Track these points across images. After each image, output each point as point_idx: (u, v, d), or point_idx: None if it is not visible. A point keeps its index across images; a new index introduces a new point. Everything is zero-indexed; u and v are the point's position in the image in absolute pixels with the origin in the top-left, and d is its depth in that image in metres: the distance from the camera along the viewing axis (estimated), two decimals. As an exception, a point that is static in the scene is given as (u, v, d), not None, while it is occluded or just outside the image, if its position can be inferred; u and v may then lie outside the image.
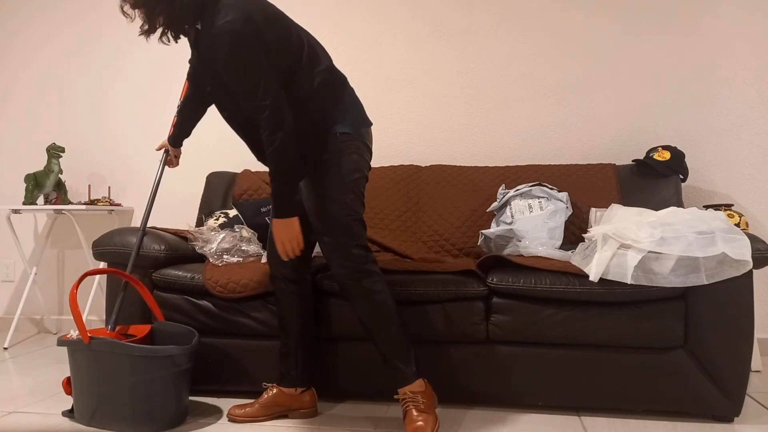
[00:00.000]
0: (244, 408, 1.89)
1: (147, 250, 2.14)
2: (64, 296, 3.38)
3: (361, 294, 1.70)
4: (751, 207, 2.71)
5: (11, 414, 1.97)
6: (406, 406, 1.70)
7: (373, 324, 1.71)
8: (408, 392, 1.71)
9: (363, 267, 1.69)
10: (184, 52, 3.19)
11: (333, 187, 1.69)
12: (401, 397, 1.73)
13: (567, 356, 1.90)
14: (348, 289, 1.71)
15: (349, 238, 1.68)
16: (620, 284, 1.81)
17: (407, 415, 1.69)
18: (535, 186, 2.46)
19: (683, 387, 1.83)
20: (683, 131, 2.77)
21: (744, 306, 1.80)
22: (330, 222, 1.68)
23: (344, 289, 1.72)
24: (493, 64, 2.96)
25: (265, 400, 1.89)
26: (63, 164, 3.14)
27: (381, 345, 1.72)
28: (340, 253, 1.68)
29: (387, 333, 1.71)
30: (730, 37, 2.75)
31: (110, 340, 1.79)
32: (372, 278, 1.70)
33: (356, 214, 1.70)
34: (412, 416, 1.67)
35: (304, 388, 1.91)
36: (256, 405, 1.89)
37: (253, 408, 1.88)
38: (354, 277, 1.69)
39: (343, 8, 3.10)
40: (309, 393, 1.92)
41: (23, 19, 3.45)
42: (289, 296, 1.88)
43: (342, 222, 1.68)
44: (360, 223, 1.72)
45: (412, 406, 1.69)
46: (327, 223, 1.68)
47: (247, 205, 2.52)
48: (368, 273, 1.69)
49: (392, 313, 1.72)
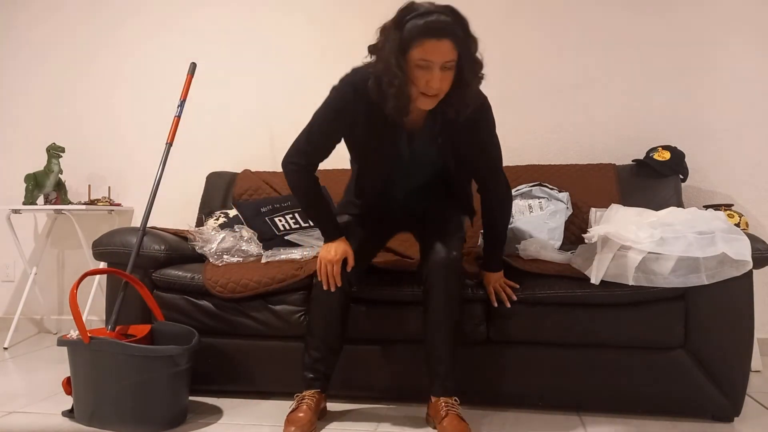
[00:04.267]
0: (301, 421, 1.74)
1: (147, 250, 2.14)
2: (64, 296, 3.38)
3: (457, 286, 1.79)
4: (751, 207, 2.70)
5: (11, 414, 1.97)
6: (450, 410, 1.72)
7: (451, 321, 1.77)
8: (453, 398, 1.76)
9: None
10: (184, 52, 3.20)
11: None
12: (446, 401, 1.74)
13: (567, 356, 1.90)
14: (449, 281, 1.75)
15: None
16: (620, 285, 1.81)
17: (449, 416, 1.70)
18: (536, 186, 2.46)
19: (683, 387, 1.83)
20: (683, 131, 2.77)
21: (744, 306, 1.80)
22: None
23: (446, 280, 1.75)
24: (494, 64, 2.94)
25: (316, 404, 1.80)
26: (63, 164, 3.14)
27: (443, 347, 1.76)
28: (457, 245, 1.79)
29: (455, 335, 1.78)
30: (730, 37, 2.75)
31: (110, 340, 1.79)
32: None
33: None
34: (456, 418, 1.70)
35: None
36: (312, 414, 1.76)
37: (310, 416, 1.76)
38: (459, 271, 1.79)
39: (344, 8, 3.10)
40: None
41: (24, 21, 3.45)
42: (341, 302, 1.84)
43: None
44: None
45: (455, 412, 1.72)
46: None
47: (247, 205, 2.52)
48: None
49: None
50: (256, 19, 3.19)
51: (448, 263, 1.76)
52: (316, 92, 3.09)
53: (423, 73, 1.56)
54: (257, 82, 3.18)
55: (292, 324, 2.02)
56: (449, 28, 1.54)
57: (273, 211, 2.44)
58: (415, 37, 1.54)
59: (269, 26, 3.18)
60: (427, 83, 1.57)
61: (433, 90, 1.58)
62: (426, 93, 1.59)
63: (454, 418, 1.70)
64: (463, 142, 1.79)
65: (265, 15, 3.18)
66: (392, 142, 1.79)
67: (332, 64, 3.10)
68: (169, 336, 1.98)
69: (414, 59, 1.56)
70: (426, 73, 1.56)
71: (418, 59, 1.56)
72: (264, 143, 3.16)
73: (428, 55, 1.54)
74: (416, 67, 1.57)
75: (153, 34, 3.30)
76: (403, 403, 2.02)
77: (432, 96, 1.60)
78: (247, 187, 2.80)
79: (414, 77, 1.58)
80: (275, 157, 3.14)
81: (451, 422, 1.68)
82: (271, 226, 2.40)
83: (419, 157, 1.83)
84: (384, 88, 1.61)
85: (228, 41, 3.21)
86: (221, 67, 3.20)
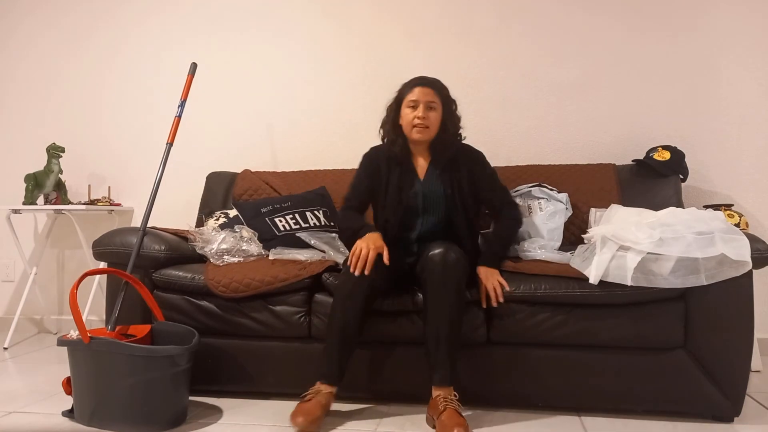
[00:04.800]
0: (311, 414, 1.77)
1: (147, 250, 2.14)
2: (64, 296, 3.38)
3: (454, 278, 1.84)
4: (751, 207, 2.70)
5: (11, 414, 1.97)
6: (448, 405, 1.74)
7: (455, 315, 1.82)
8: (452, 394, 1.79)
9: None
10: (184, 53, 3.20)
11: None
12: (444, 396, 1.77)
13: (567, 357, 1.90)
14: (449, 273, 1.82)
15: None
16: (620, 286, 1.81)
17: (447, 411, 1.72)
18: (535, 187, 2.46)
19: (683, 387, 1.83)
20: (683, 131, 2.77)
21: (744, 306, 1.80)
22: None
23: (446, 271, 1.82)
24: (494, 64, 2.96)
25: (327, 403, 1.83)
26: (63, 164, 3.14)
27: (445, 341, 1.79)
28: (456, 250, 1.89)
29: (459, 326, 1.84)
30: (730, 37, 2.75)
31: (110, 340, 1.79)
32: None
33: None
34: (454, 413, 1.72)
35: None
36: (321, 411, 1.79)
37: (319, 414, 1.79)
38: (456, 265, 1.85)
39: (343, 8, 3.10)
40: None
41: (22, 18, 3.45)
42: (366, 294, 1.87)
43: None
44: None
45: (453, 407, 1.74)
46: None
47: (247, 205, 2.52)
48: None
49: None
50: (257, 19, 3.19)
51: (443, 257, 1.84)
52: (316, 92, 3.13)
53: (413, 111, 2.10)
54: (257, 82, 3.18)
55: (292, 324, 2.02)
56: (433, 81, 2.15)
57: (273, 212, 2.44)
58: (407, 88, 2.15)
59: (270, 26, 3.18)
60: (416, 117, 2.08)
61: (420, 121, 2.07)
62: (416, 125, 2.08)
63: (452, 412, 1.71)
64: (466, 180, 2.16)
65: (265, 15, 3.18)
66: (407, 180, 2.16)
67: (333, 64, 3.12)
68: (169, 336, 1.99)
69: (406, 103, 2.12)
70: (414, 110, 2.09)
71: (408, 101, 2.11)
72: (264, 143, 3.16)
73: (415, 96, 2.10)
74: (407, 108, 2.11)
75: (153, 35, 3.30)
76: (403, 404, 2.02)
77: (421, 126, 2.08)
78: (247, 187, 2.80)
79: (406, 118, 2.12)
80: (275, 157, 3.14)
81: (449, 417, 1.69)
82: (271, 226, 2.40)
83: (429, 193, 2.14)
84: (390, 138, 2.20)
85: (228, 41, 3.21)
86: (222, 67, 3.20)
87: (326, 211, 2.51)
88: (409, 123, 2.10)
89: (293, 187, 2.75)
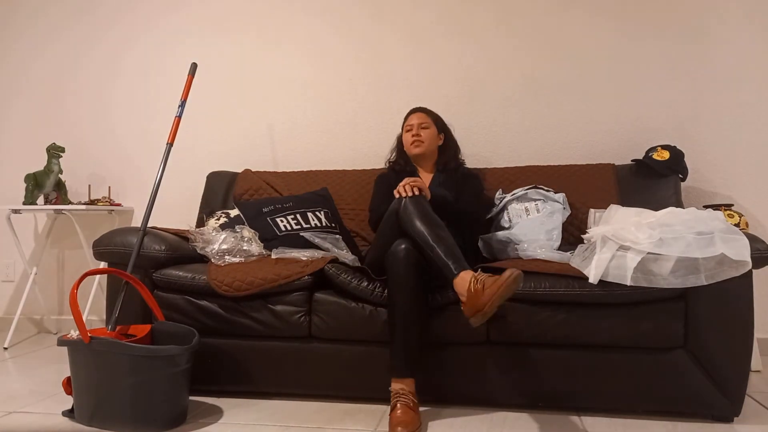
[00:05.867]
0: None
1: (147, 250, 2.14)
2: (64, 296, 3.38)
3: (403, 270, 1.85)
4: (751, 207, 2.71)
5: (11, 414, 1.97)
6: (399, 400, 1.76)
7: (393, 304, 1.85)
8: (401, 388, 1.80)
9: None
10: (184, 53, 3.20)
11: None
12: (397, 390, 1.79)
13: (567, 357, 1.90)
14: (403, 265, 1.85)
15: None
16: (620, 286, 1.81)
17: (398, 407, 1.75)
18: (531, 189, 2.46)
19: (683, 387, 1.83)
20: (683, 131, 2.77)
21: (744, 306, 1.80)
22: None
23: (392, 266, 1.86)
24: (493, 64, 2.96)
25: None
26: (63, 164, 3.14)
27: (400, 330, 1.83)
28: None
29: (397, 317, 1.85)
30: (730, 37, 2.75)
31: (110, 340, 1.79)
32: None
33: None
34: (404, 409, 1.75)
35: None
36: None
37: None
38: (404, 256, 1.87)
39: (344, 8, 3.10)
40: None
41: (23, 20, 3.45)
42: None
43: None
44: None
45: (404, 402, 1.76)
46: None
47: (249, 204, 2.52)
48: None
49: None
50: (257, 20, 3.19)
51: (394, 251, 1.86)
52: (316, 92, 3.13)
53: (409, 133, 2.50)
54: (258, 82, 3.18)
55: (292, 324, 2.02)
56: (423, 108, 2.57)
57: (275, 212, 2.44)
58: (404, 119, 2.58)
59: (270, 27, 3.18)
60: (411, 135, 2.47)
61: (414, 138, 2.46)
62: (413, 142, 2.46)
63: (403, 408, 1.74)
64: (467, 189, 2.41)
65: (265, 16, 3.18)
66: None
67: (333, 65, 3.12)
68: (169, 336, 1.98)
69: (404, 129, 2.54)
70: (410, 132, 2.49)
71: (406, 127, 2.53)
72: (264, 143, 3.16)
73: (410, 121, 2.52)
74: (406, 133, 2.52)
75: (154, 35, 3.30)
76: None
77: (417, 141, 2.46)
78: (248, 187, 2.80)
79: (406, 140, 2.52)
80: (275, 157, 3.15)
81: (400, 415, 1.72)
82: (272, 226, 2.40)
83: (434, 198, 2.15)
84: (398, 162, 2.58)
85: (229, 42, 3.21)
86: (222, 67, 3.20)
87: (327, 212, 2.52)
88: (408, 142, 2.49)
89: (294, 187, 2.75)
